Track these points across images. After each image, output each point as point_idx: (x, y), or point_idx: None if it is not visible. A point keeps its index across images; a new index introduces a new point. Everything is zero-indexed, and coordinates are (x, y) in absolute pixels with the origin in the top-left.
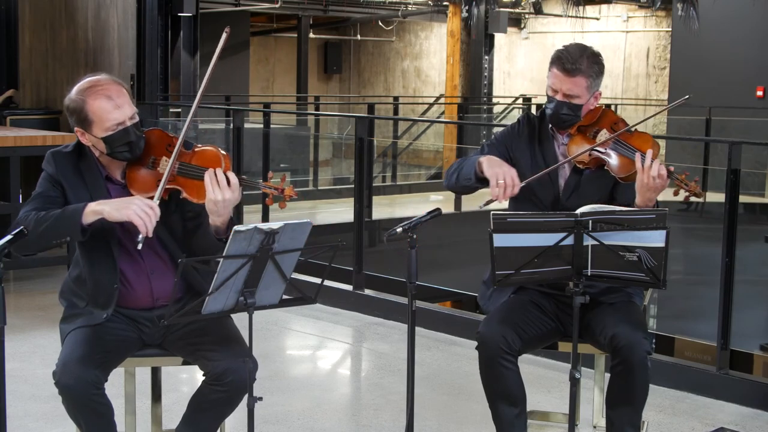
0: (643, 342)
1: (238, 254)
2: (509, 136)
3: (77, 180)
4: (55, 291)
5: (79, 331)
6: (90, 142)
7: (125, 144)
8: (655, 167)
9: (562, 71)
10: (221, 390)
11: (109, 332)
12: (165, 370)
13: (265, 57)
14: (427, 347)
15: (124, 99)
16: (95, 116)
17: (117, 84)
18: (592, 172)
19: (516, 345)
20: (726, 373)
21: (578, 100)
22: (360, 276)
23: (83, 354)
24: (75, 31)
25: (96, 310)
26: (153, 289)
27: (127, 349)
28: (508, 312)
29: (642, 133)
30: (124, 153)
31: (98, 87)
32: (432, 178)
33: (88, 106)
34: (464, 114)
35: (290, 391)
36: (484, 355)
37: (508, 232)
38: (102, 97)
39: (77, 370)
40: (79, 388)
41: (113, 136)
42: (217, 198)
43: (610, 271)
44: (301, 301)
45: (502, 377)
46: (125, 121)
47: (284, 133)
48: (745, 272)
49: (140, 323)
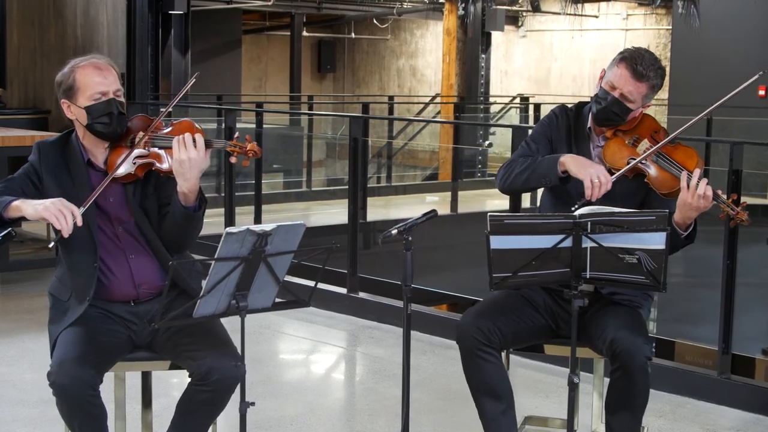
0: (644, 347)
1: (230, 256)
2: (550, 129)
3: (60, 166)
4: (44, 294)
5: (71, 331)
6: (74, 114)
7: (106, 115)
8: (701, 187)
9: (632, 73)
10: (207, 390)
11: (102, 333)
12: (155, 375)
13: (258, 55)
14: (422, 351)
15: (112, 74)
16: (80, 83)
17: (108, 62)
18: (626, 177)
19: (495, 338)
20: (727, 378)
21: (632, 105)
22: (354, 279)
23: (79, 354)
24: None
25: (78, 299)
26: (133, 273)
27: (119, 351)
28: (489, 305)
29: (686, 146)
30: (103, 125)
31: (89, 59)
32: (428, 179)
33: (75, 74)
34: (460, 114)
35: (283, 395)
36: (461, 348)
37: (505, 233)
38: (90, 67)
39: (73, 370)
40: (75, 388)
41: (95, 105)
42: (182, 157)
43: (609, 274)
44: (294, 305)
45: (481, 370)
46: (109, 93)
47: (277, 133)
48: (746, 275)
49: (127, 320)
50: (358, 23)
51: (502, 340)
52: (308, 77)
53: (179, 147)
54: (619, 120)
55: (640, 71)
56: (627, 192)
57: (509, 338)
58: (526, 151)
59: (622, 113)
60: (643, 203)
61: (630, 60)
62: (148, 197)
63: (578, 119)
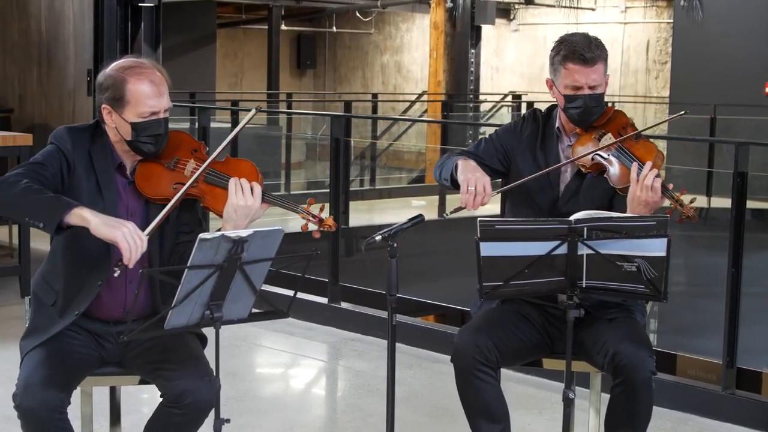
0: (648, 361)
1: (204, 264)
2: (509, 135)
3: (90, 162)
4: (8, 304)
5: (39, 351)
6: (114, 123)
7: (153, 136)
8: (649, 178)
9: (583, 63)
10: (179, 413)
11: (70, 350)
12: (125, 390)
13: (233, 51)
14: (408, 365)
15: (165, 90)
16: (133, 98)
17: (161, 73)
18: (593, 177)
19: (493, 356)
20: (732, 393)
21: (601, 89)
22: (336, 288)
23: (46, 376)
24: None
25: (64, 309)
26: (127, 299)
27: (87, 367)
28: (486, 321)
29: (649, 142)
30: (147, 145)
31: (143, 69)
32: (414, 182)
33: (128, 84)
34: (449, 112)
35: (260, 412)
36: (458, 367)
37: (496, 240)
38: (146, 81)
39: (41, 393)
40: (42, 412)
41: (144, 123)
42: (239, 203)
43: (606, 283)
44: (272, 315)
45: (479, 391)
46: (160, 113)
47: (254, 133)
48: (752, 284)
49: (103, 339)
50: (340, 16)
51: (500, 358)
52: (287, 74)
53: (236, 190)
54: (600, 110)
55: (588, 57)
56: (595, 195)
57: (507, 356)
58: (472, 149)
59: (600, 102)
60: (610, 206)
61: (571, 55)
62: (169, 222)
63: (548, 121)
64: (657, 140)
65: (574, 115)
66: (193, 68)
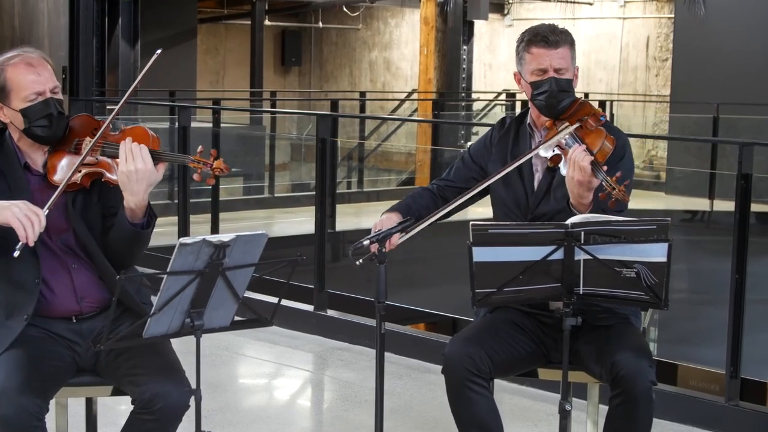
0: (648, 371)
1: (185, 270)
2: (480, 149)
3: None
4: None
5: (11, 355)
6: (8, 117)
7: (44, 117)
8: (578, 155)
9: (546, 45)
10: (151, 419)
11: (45, 356)
12: (101, 402)
13: (215, 47)
14: (397, 375)
15: (46, 70)
16: (13, 84)
17: (41, 56)
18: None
19: (486, 367)
20: (736, 405)
21: (568, 74)
22: (322, 295)
23: (22, 381)
24: None
25: (14, 317)
26: (75, 286)
27: (64, 375)
28: (478, 330)
29: (601, 131)
30: (42, 128)
31: (20, 56)
32: (403, 184)
33: (6, 74)
34: (440, 111)
35: (243, 425)
36: (449, 378)
37: (489, 245)
38: (22, 65)
39: (17, 399)
40: (20, 419)
41: (32, 107)
42: (129, 168)
43: (604, 290)
44: (255, 323)
45: (471, 403)
46: (45, 92)
47: (236, 133)
48: (757, 290)
49: (70, 340)
50: (326, 11)
51: (493, 368)
52: (271, 71)
53: (125, 157)
54: (570, 96)
55: (553, 40)
56: (564, 192)
57: (500, 366)
58: (444, 174)
59: (568, 89)
60: None
61: (535, 39)
62: (91, 207)
63: (522, 124)
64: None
65: (542, 101)
66: (172, 65)
